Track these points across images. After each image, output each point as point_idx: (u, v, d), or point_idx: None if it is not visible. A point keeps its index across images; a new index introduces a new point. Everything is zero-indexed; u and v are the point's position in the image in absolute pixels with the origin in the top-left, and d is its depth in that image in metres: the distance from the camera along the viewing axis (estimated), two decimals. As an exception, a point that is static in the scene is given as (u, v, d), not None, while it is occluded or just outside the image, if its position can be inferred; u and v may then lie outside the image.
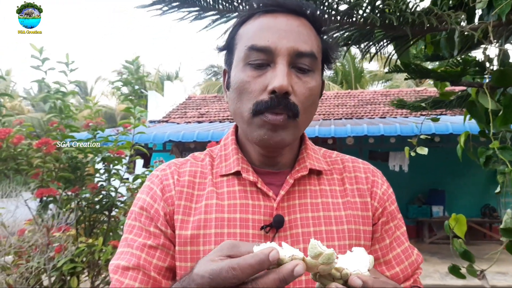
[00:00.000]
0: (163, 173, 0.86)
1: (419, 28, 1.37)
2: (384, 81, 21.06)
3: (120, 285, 0.77)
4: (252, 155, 0.87)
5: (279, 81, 0.74)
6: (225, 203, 0.81)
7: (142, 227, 0.81)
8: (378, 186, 0.89)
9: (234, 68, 0.82)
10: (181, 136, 7.86)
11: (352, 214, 0.84)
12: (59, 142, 2.86)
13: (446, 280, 6.39)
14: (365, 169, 0.92)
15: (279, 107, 0.75)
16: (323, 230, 0.81)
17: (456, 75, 1.59)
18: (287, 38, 0.77)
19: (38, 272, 2.54)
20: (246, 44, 0.79)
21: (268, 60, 0.77)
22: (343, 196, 0.86)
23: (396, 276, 0.86)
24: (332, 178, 0.89)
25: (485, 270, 1.77)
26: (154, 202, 0.82)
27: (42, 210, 2.70)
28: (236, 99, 0.81)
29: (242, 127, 0.83)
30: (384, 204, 0.88)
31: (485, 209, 9.86)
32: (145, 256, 0.78)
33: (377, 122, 8.43)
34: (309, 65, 0.79)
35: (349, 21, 1.37)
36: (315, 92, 0.81)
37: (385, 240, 0.87)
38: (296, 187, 0.84)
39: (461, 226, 1.79)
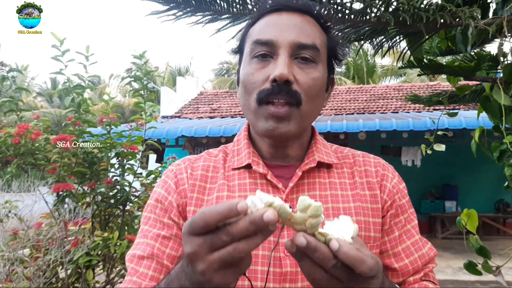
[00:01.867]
0: (178, 168, 0.91)
1: (432, 24, 1.37)
2: (397, 76, 20.88)
3: (135, 273, 0.81)
4: (262, 149, 0.90)
5: (279, 69, 0.78)
6: (236, 194, 0.85)
7: (156, 218, 0.86)
8: (388, 179, 0.91)
9: (242, 64, 0.87)
10: (194, 131, 7.90)
11: (361, 206, 0.86)
12: (76, 137, 2.89)
13: (458, 276, 6.36)
14: (375, 163, 0.93)
15: (280, 93, 0.79)
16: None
17: (470, 70, 1.59)
18: (289, 31, 0.81)
19: (55, 265, 2.59)
20: (251, 41, 0.84)
21: (271, 52, 0.81)
22: (352, 188, 0.88)
23: (405, 268, 0.87)
24: (342, 171, 0.91)
25: (501, 266, 1.76)
26: (168, 195, 0.87)
27: (59, 205, 2.74)
28: (243, 92, 0.85)
29: (250, 119, 0.86)
30: (393, 197, 0.89)
31: (499, 204, 9.77)
32: (159, 245, 0.83)
33: (389, 117, 8.37)
34: (311, 56, 0.82)
35: (363, 19, 1.38)
36: (318, 83, 0.83)
37: (394, 233, 0.88)
38: (306, 179, 0.87)
39: (473, 221, 1.79)
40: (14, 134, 2.71)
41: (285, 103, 0.79)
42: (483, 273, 1.79)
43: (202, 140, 8.38)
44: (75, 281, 2.77)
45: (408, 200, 0.92)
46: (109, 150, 3.08)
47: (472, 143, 1.86)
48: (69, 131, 2.94)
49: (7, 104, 2.94)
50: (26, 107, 3.15)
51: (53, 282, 2.70)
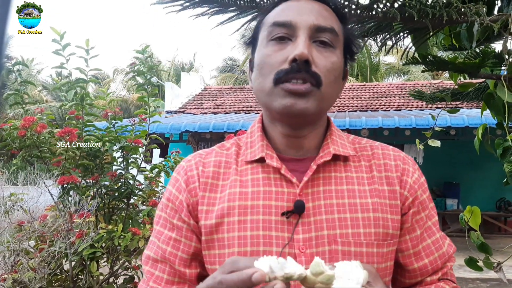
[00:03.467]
0: (188, 164, 0.89)
1: (438, 21, 1.38)
2: (400, 74, 20.84)
3: (152, 276, 0.84)
4: (277, 140, 0.86)
5: (300, 49, 0.76)
6: (249, 190, 0.82)
7: (167, 218, 0.86)
8: (409, 174, 0.87)
9: (258, 49, 0.85)
10: (197, 127, 7.94)
11: (379, 202, 0.82)
12: (80, 130, 2.91)
13: (459, 273, 6.37)
14: (395, 157, 0.89)
15: (300, 72, 0.76)
16: (347, 217, 0.79)
17: (474, 67, 1.59)
18: (308, 14, 0.80)
19: (59, 256, 2.62)
20: (268, 24, 0.82)
21: (289, 34, 0.79)
22: (370, 183, 0.84)
23: (424, 268, 0.85)
24: (360, 165, 0.87)
25: (502, 262, 1.77)
26: (179, 194, 0.85)
27: (64, 197, 2.77)
28: (258, 75, 0.82)
29: (265, 100, 0.82)
30: (415, 194, 0.85)
31: (500, 202, 9.77)
32: (171, 249, 0.83)
33: (392, 115, 8.38)
34: (330, 39, 0.80)
35: (369, 15, 1.38)
36: (337, 67, 0.81)
37: (416, 231, 0.85)
38: (321, 173, 0.83)
39: (476, 218, 1.79)
40: (20, 126, 2.73)
41: (304, 82, 0.76)
42: (484, 270, 1.80)
43: (205, 135, 8.40)
44: (79, 273, 2.80)
45: (428, 195, 0.89)
46: (113, 143, 3.09)
47: (475, 140, 1.87)
48: (73, 125, 2.96)
49: (12, 97, 2.95)
50: (31, 100, 3.16)
51: (57, 273, 2.73)
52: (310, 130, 0.85)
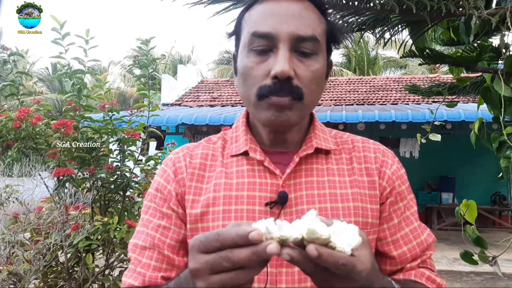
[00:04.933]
0: (176, 156, 0.91)
1: (436, 13, 1.37)
2: (398, 68, 20.86)
3: (139, 263, 0.84)
4: (262, 135, 0.89)
5: (280, 66, 0.76)
6: (234, 181, 0.85)
7: (156, 207, 0.87)
8: (387, 166, 0.89)
9: (240, 53, 0.85)
10: (194, 119, 7.93)
11: (359, 192, 0.85)
12: (77, 122, 2.89)
13: (453, 266, 6.43)
14: (375, 149, 0.92)
15: (282, 90, 0.77)
16: (328, 207, 0.82)
17: (471, 61, 1.60)
18: (288, 23, 0.78)
19: (55, 248, 2.61)
20: (249, 31, 0.81)
21: (270, 46, 0.79)
22: (350, 174, 0.87)
23: (403, 256, 0.86)
24: (341, 157, 0.90)
25: (497, 256, 1.78)
26: (167, 184, 0.88)
27: (60, 189, 2.76)
28: (242, 84, 0.84)
29: (250, 109, 0.86)
30: (393, 184, 0.88)
31: (495, 197, 9.85)
32: (159, 236, 0.84)
33: (388, 108, 8.40)
34: (311, 49, 0.80)
35: (366, 7, 1.38)
36: (319, 74, 0.82)
37: (393, 220, 0.87)
38: (303, 165, 0.86)
39: (472, 211, 1.80)
40: (15, 118, 2.71)
41: (287, 97, 0.78)
42: (479, 263, 1.81)
43: (202, 128, 8.40)
44: (74, 265, 2.80)
45: (408, 186, 0.91)
46: (110, 135, 3.08)
47: (472, 134, 1.87)
48: (70, 116, 2.95)
49: (7, 88, 2.93)
50: (27, 91, 3.13)
51: (53, 265, 2.73)
52: (294, 128, 0.88)
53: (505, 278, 5.95)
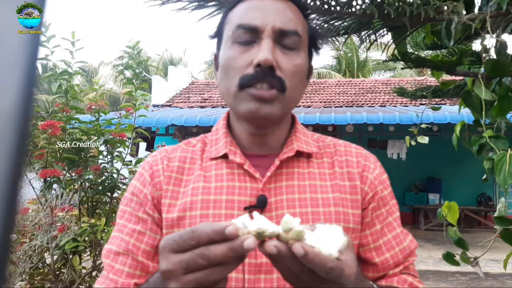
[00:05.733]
0: (153, 159, 0.89)
1: (416, 18, 1.40)
2: (387, 70, 21.01)
3: (112, 269, 0.81)
4: (242, 137, 0.87)
5: (264, 54, 0.75)
6: (212, 185, 0.82)
7: (132, 212, 0.84)
8: (369, 170, 0.88)
9: (223, 47, 0.84)
10: (184, 121, 7.92)
11: (340, 197, 0.83)
12: (64, 123, 2.88)
13: (439, 266, 6.50)
14: (357, 153, 0.90)
15: (264, 79, 0.76)
16: (309, 212, 0.80)
17: (452, 65, 1.63)
18: (272, 16, 0.79)
19: (41, 250, 2.60)
20: (233, 24, 0.81)
21: (254, 37, 0.79)
22: (332, 179, 0.85)
23: (386, 262, 0.85)
24: (322, 161, 0.88)
25: (479, 257, 1.81)
26: (143, 187, 0.85)
27: (46, 190, 2.74)
28: (223, 76, 0.82)
29: (230, 103, 0.83)
30: (375, 189, 0.86)
31: (481, 197, 9.98)
32: (134, 241, 0.81)
33: (376, 111, 8.47)
34: (294, 43, 0.80)
35: (349, 11, 1.40)
36: (301, 69, 0.82)
37: (376, 226, 0.86)
38: (284, 169, 0.84)
39: (454, 213, 1.82)
40: (1, 119, 2.69)
41: (269, 87, 0.77)
42: (463, 264, 1.83)
43: (192, 129, 8.39)
44: (61, 267, 2.79)
45: (390, 192, 0.90)
46: (98, 137, 3.07)
47: (454, 137, 1.90)
48: (57, 118, 2.93)
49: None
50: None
51: (39, 267, 2.72)
52: (275, 128, 0.87)
53: (489, 278, 6.03)
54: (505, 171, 1.43)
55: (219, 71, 0.86)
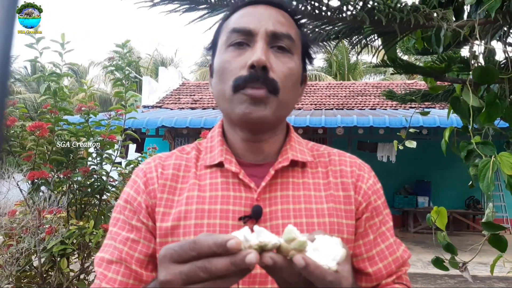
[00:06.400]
0: (147, 166, 0.88)
1: (406, 25, 1.41)
2: (378, 73, 21.15)
3: (104, 278, 0.80)
4: (236, 145, 0.87)
5: (257, 55, 0.76)
6: (207, 194, 0.82)
7: (125, 220, 0.83)
8: (363, 180, 0.88)
9: (217, 54, 0.85)
10: (174, 122, 7.89)
11: (335, 207, 0.83)
12: (53, 125, 2.86)
13: (428, 269, 6.54)
14: (351, 163, 0.90)
15: (258, 81, 0.76)
16: (303, 222, 0.80)
17: (440, 71, 1.64)
18: (265, 20, 0.81)
19: (29, 253, 2.57)
20: (227, 30, 0.83)
21: (248, 40, 0.80)
22: (326, 189, 0.85)
23: (379, 273, 0.85)
24: (317, 171, 0.88)
25: (467, 262, 1.82)
26: (137, 195, 0.84)
27: (33, 193, 2.71)
28: (218, 80, 0.82)
29: (225, 107, 0.83)
30: (368, 199, 0.86)
31: (469, 201, 10.08)
32: (127, 250, 0.81)
33: (367, 114, 8.52)
34: (287, 46, 0.81)
35: (340, 17, 1.40)
36: (294, 73, 0.82)
37: (369, 236, 0.86)
38: (279, 179, 0.84)
39: (442, 218, 1.84)
40: (-12, 120, 2.66)
41: (262, 88, 0.77)
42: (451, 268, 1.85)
43: (182, 130, 8.37)
44: (49, 269, 2.76)
45: (383, 201, 0.90)
46: (87, 138, 3.05)
47: (442, 142, 1.91)
48: (46, 119, 2.90)
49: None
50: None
51: (26, 270, 2.68)
52: (270, 136, 0.86)
53: (477, 281, 6.09)
54: (488, 177, 1.45)
55: (214, 77, 0.86)
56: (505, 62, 1.74)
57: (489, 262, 1.80)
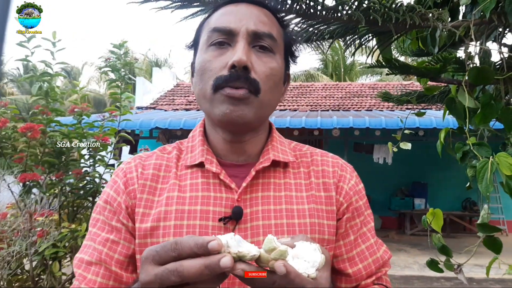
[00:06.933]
0: (128, 166, 0.87)
1: (402, 25, 1.40)
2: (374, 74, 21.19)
3: (84, 279, 0.78)
4: (218, 145, 0.87)
5: (238, 55, 0.76)
6: (187, 195, 0.81)
7: (105, 221, 0.82)
8: (345, 181, 0.88)
9: (198, 53, 0.84)
10: (168, 123, 7.86)
11: (316, 208, 0.83)
12: (44, 126, 2.82)
13: (425, 271, 6.53)
14: (333, 163, 0.90)
15: (238, 80, 0.76)
16: (284, 223, 0.80)
17: (435, 72, 1.62)
18: (246, 20, 0.80)
19: (20, 256, 2.54)
20: (208, 29, 0.82)
21: (229, 40, 0.79)
22: (308, 189, 0.85)
23: (358, 273, 0.85)
24: (299, 171, 0.88)
25: (462, 264, 1.81)
26: (117, 196, 0.83)
27: (25, 195, 2.68)
28: (199, 80, 0.82)
29: (206, 107, 0.82)
30: (350, 200, 0.86)
31: (466, 202, 10.09)
32: (107, 251, 0.79)
33: (363, 115, 8.52)
34: (268, 45, 0.80)
35: (335, 17, 1.39)
36: (276, 73, 0.82)
37: (350, 236, 0.86)
38: (260, 179, 0.84)
39: (438, 220, 1.82)
40: (-21, 121, 2.63)
41: (243, 88, 0.76)
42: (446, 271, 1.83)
43: (176, 132, 8.33)
44: (40, 273, 2.73)
45: (365, 202, 0.90)
46: (80, 140, 3.02)
47: (438, 143, 1.90)
48: (37, 120, 2.88)
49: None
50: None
51: (18, 273, 2.65)
52: (252, 136, 0.86)
53: (474, 283, 6.08)
54: (487, 178, 1.43)
55: (195, 76, 0.85)
56: (501, 63, 1.73)
57: (486, 264, 1.78)
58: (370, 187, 9.53)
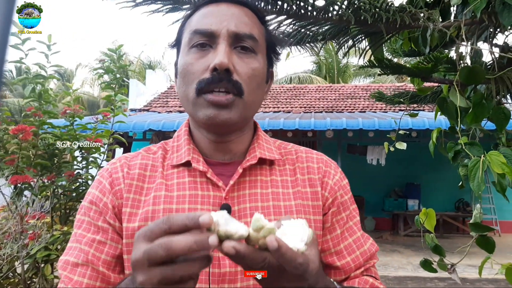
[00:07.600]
0: (113, 167, 0.86)
1: (393, 25, 1.40)
2: (367, 76, 21.27)
3: (70, 281, 0.77)
4: (203, 144, 0.87)
5: (220, 57, 0.76)
6: (174, 194, 0.81)
7: (91, 221, 0.81)
8: (330, 176, 0.89)
9: (180, 55, 0.84)
10: (162, 125, 7.84)
11: (302, 204, 0.84)
12: (37, 128, 2.81)
13: (418, 272, 6.55)
14: (318, 160, 0.92)
15: (221, 82, 0.76)
16: (272, 220, 0.80)
17: (427, 71, 1.63)
18: (227, 21, 0.80)
19: (11, 259, 2.52)
20: (190, 30, 0.82)
21: (210, 42, 0.79)
22: (294, 186, 0.87)
23: (347, 266, 0.86)
24: (284, 168, 0.89)
25: (456, 264, 1.82)
26: (103, 196, 0.82)
27: (16, 197, 2.66)
28: (182, 82, 0.82)
29: (189, 110, 0.83)
30: (335, 194, 0.88)
31: (459, 203, 10.14)
32: (94, 251, 0.79)
33: (356, 116, 8.54)
34: (250, 46, 0.81)
35: (325, 17, 1.39)
36: (258, 73, 0.82)
37: (336, 230, 0.87)
38: (247, 177, 0.84)
39: (431, 220, 1.83)
40: (-30, 124, 2.61)
41: (226, 92, 0.77)
42: (440, 270, 1.84)
43: (170, 134, 8.30)
44: (32, 276, 2.70)
45: (350, 197, 0.92)
46: (72, 142, 3.00)
47: (430, 143, 1.91)
48: (29, 122, 2.86)
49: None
50: (-16, 95, 3.02)
51: (9, 276, 2.63)
52: (237, 135, 0.87)
53: (467, 284, 6.11)
54: (479, 177, 1.44)
55: (178, 78, 0.85)
56: (492, 62, 1.74)
57: (479, 264, 1.79)
58: (363, 188, 9.62)
